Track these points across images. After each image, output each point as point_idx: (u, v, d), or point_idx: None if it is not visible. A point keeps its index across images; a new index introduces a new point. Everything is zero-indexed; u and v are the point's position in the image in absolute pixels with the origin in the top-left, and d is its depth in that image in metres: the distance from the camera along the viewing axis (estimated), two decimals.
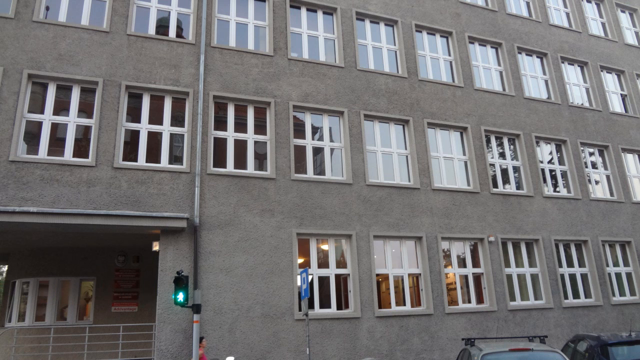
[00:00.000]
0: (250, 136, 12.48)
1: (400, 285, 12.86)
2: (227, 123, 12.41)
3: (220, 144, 12.18)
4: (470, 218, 13.93)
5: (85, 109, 11.32)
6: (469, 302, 13.42)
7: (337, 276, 12.29)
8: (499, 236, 14.09)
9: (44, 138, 10.78)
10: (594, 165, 17.19)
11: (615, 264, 16.05)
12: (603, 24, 20.11)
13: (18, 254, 14.40)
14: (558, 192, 15.94)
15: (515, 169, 15.61)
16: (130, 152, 11.41)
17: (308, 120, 13.28)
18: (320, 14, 14.55)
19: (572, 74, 18.22)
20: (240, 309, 10.88)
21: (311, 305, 11.66)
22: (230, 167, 12.02)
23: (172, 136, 11.86)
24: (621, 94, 19.02)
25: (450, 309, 12.79)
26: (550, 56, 17.69)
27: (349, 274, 12.29)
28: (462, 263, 13.77)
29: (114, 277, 14.47)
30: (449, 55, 16.00)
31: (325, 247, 12.41)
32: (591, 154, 17.30)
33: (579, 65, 18.53)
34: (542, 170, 15.96)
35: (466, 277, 13.66)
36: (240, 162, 12.21)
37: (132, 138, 11.53)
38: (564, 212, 15.42)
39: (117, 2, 12.17)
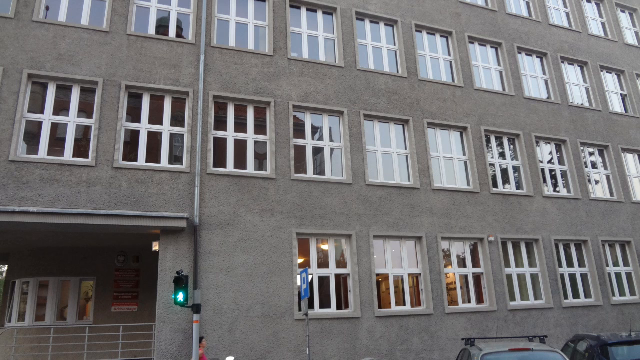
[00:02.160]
0: (250, 136, 12.48)
1: (400, 285, 12.86)
2: (227, 123, 12.41)
3: (220, 144, 12.18)
4: (470, 218, 13.93)
5: (85, 109, 11.33)
6: (469, 302, 13.42)
7: (337, 276, 12.29)
8: (499, 236, 14.09)
9: (44, 138, 10.78)
10: (594, 165, 17.19)
11: (615, 264, 16.05)
12: (603, 24, 20.12)
13: (18, 254, 14.40)
14: (558, 192, 15.94)
15: (515, 169, 15.62)
16: (130, 152, 11.41)
17: (308, 120, 13.28)
18: (320, 14, 14.55)
19: (572, 74, 18.23)
20: (240, 309, 10.88)
21: (311, 305, 11.66)
22: (230, 167, 12.02)
23: (172, 136, 11.86)
24: (621, 94, 19.02)
25: (450, 309, 12.79)
26: (550, 56, 17.69)
27: (349, 274, 12.29)
28: (462, 263, 13.77)
29: (114, 277, 14.47)
30: (449, 55, 16.01)
31: (325, 247, 12.41)
32: (591, 154, 17.30)
33: (579, 65, 18.53)
34: (542, 170, 15.96)
35: (466, 277, 13.66)
36: (240, 162, 12.21)
37: (132, 138, 11.53)
38: (564, 212, 15.42)
39: (117, 2, 12.17)
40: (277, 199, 11.96)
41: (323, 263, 12.24)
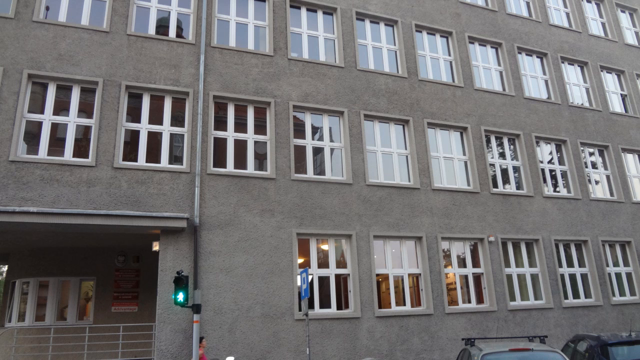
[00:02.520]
0: (250, 136, 12.48)
1: (400, 285, 12.86)
2: (227, 123, 12.41)
3: (220, 144, 12.18)
4: (470, 218, 13.93)
5: (85, 109, 11.33)
6: (469, 302, 13.42)
7: (337, 276, 12.29)
8: (499, 236, 14.09)
9: (44, 138, 10.78)
10: (594, 165, 17.19)
11: (615, 264, 16.05)
12: (603, 24, 20.12)
13: (18, 254, 14.40)
14: (558, 192, 15.94)
15: (515, 169, 15.61)
16: (130, 152, 11.41)
17: (308, 120, 13.28)
18: (320, 14, 14.55)
19: (572, 74, 18.22)
20: (240, 309, 10.88)
21: (311, 305, 11.66)
22: (230, 167, 12.02)
23: (172, 136, 11.86)
24: (621, 94, 19.02)
25: (450, 309, 12.79)
26: (550, 56, 17.69)
27: (349, 274, 12.29)
28: (462, 263, 13.77)
29: (114, 277, 14.47)
30: (449, 55, 16.00)
31: (325, 247, 12.41)
32: (591, 154, 17.30)
33: (579, 65, 18.53)
34: (542, 170, 15.96)
35: (466, 277, 13.66)
36: (240, 162, 12.21)
37: (132, 138, 11.53)
38: (564, 212, 15.42)
39: (117, 2, 12.17)
40: (277, 199, 11.96)
41: (323, 263, 12.24)
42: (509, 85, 16.41)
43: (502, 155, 15.62)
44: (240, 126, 12.49)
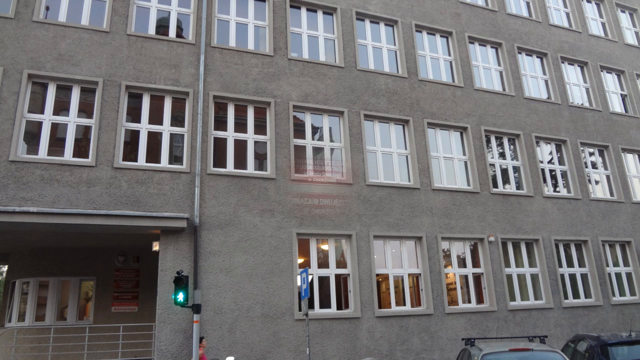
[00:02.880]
0: (250, 136, 12.48)
1: (400, 285, 12.86)
2: (227, 123, 12.41)
3: (220, 144, 12.18)
4: (470, 218, 13.93)
5: (85, 109, 11.33)
6: (469, 302, 13.42)
7: (337, 276, 12.28)
8: (499, 236, 14.09)
9: (44, 138, 10.78)
10: (594, 165, 17.19)
11: (615, 264, 16.05)
12: (603, 24, 20.12)
13: (18, 254, 14.40)
14: (558, 192, 15.94)
15: (515, 169, 15.61)
16: (130, 152, 11.41)
17: (308, 120, 13.28)
18: (320, 14, 14.55)
19: (572, 74, 18.22)
20: (240, 309, 10.88)
21: (311, 305, 11.66)
22: (230, 167, 12.02)
23: (172, 136, 11.86)
24: (621, 94, 19.02)
25: (450, 309, 12.79)
26: (550, 56, 17.69)
27: (349, 274, 12.29)
28: (462, 263, 13.77)
29: (114, 277, 14.47)
30: (449, 55, 16.00)
31: (325, 247, 12.41)
32: (591, 154, 17.30)
33: (579, 65, 18.53)
34: (542, 170, 15.96)
35: (466, 277, 13.66)
36: (240, 162, 12.21)
37: (132, 138, 11.53)
38: (564, 212, 15.42)
39: (117, 2, 12.17)
40: (277, 199, 11.96)
41: (323, 263, 12.24)
42: (509, 85, 16.41)
43: (502, 155, 15.62)
44: (240, 126, 12.49)
